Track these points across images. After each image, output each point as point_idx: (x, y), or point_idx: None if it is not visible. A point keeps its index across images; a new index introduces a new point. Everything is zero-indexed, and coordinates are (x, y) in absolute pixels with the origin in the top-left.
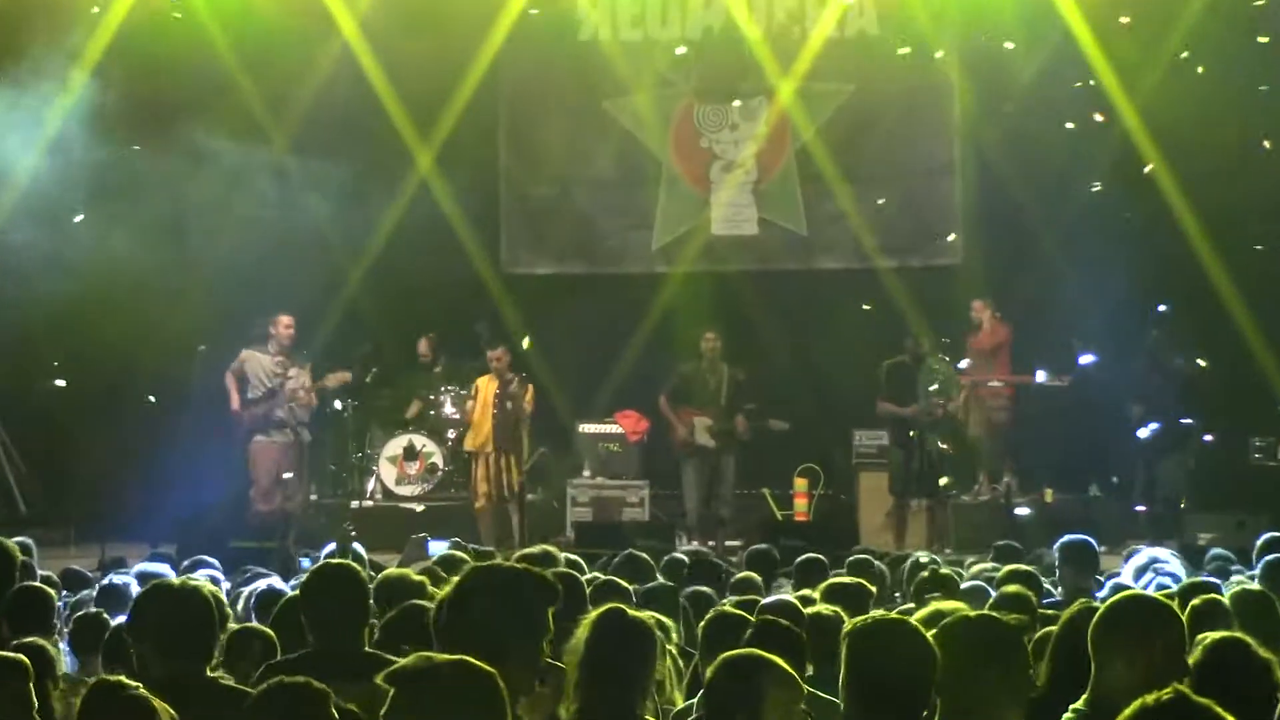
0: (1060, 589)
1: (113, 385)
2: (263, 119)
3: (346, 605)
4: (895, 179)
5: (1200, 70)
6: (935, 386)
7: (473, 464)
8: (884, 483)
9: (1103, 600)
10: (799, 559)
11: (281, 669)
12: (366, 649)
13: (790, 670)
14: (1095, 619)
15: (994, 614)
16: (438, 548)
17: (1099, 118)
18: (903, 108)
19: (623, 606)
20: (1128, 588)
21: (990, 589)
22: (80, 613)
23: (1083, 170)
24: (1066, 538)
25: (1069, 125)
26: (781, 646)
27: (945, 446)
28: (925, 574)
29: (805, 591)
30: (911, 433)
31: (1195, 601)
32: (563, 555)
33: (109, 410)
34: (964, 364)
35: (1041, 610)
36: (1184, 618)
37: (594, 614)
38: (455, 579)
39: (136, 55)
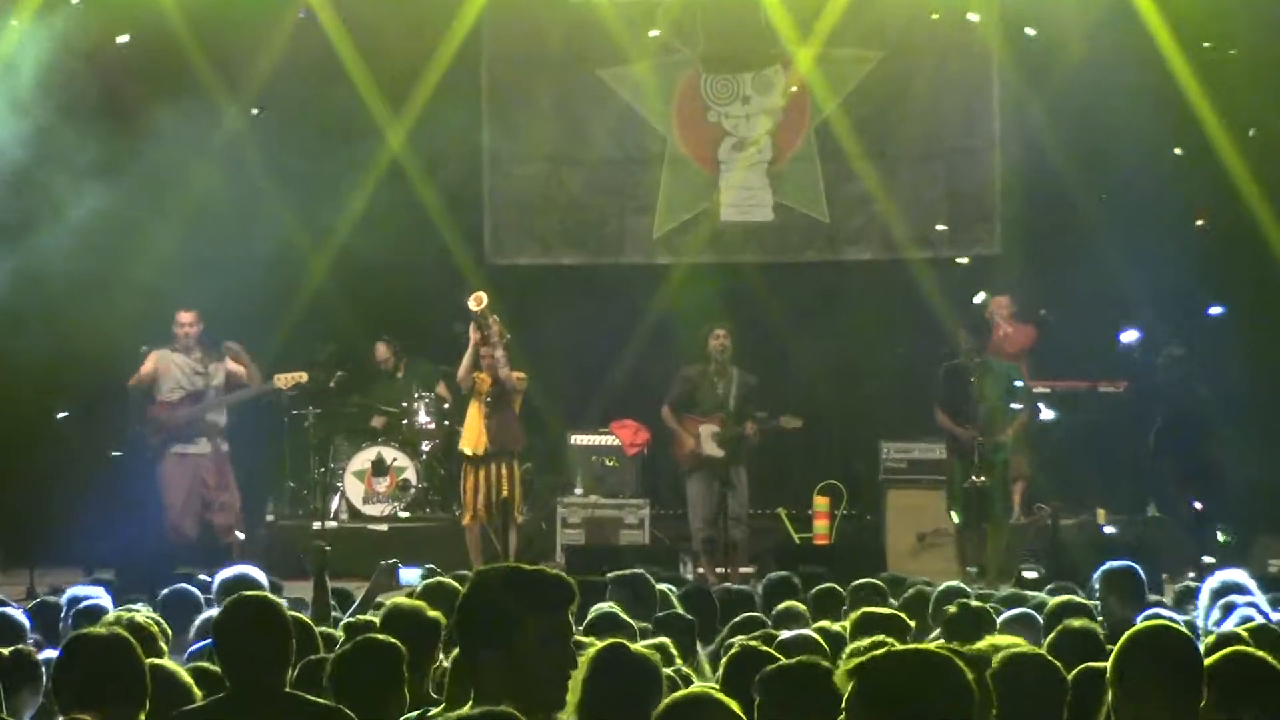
0: (1104, 621)
1: (40, 395)
2: (211, 88)
3: (265, 641)
4: (928, 159)
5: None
6: (1009, 391)
7: (464, 472)
8: (914, 501)
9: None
10: (816, 588)
11: (190, 718)
12: (287, 689)
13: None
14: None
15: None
16: (410, 575)
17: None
18: (936, 78)
19: (623, 642)
20: (1164, 617)
21: (1034, 619)
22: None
23: (1142, 149)
24: (1109, 565)
25: (1177, 151)
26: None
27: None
28: (954, 608)
29: (825, 623)
30: (976, 447)
31: None
32: None
33: (35, 422)
34: None
35: None
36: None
37: (592, 651)
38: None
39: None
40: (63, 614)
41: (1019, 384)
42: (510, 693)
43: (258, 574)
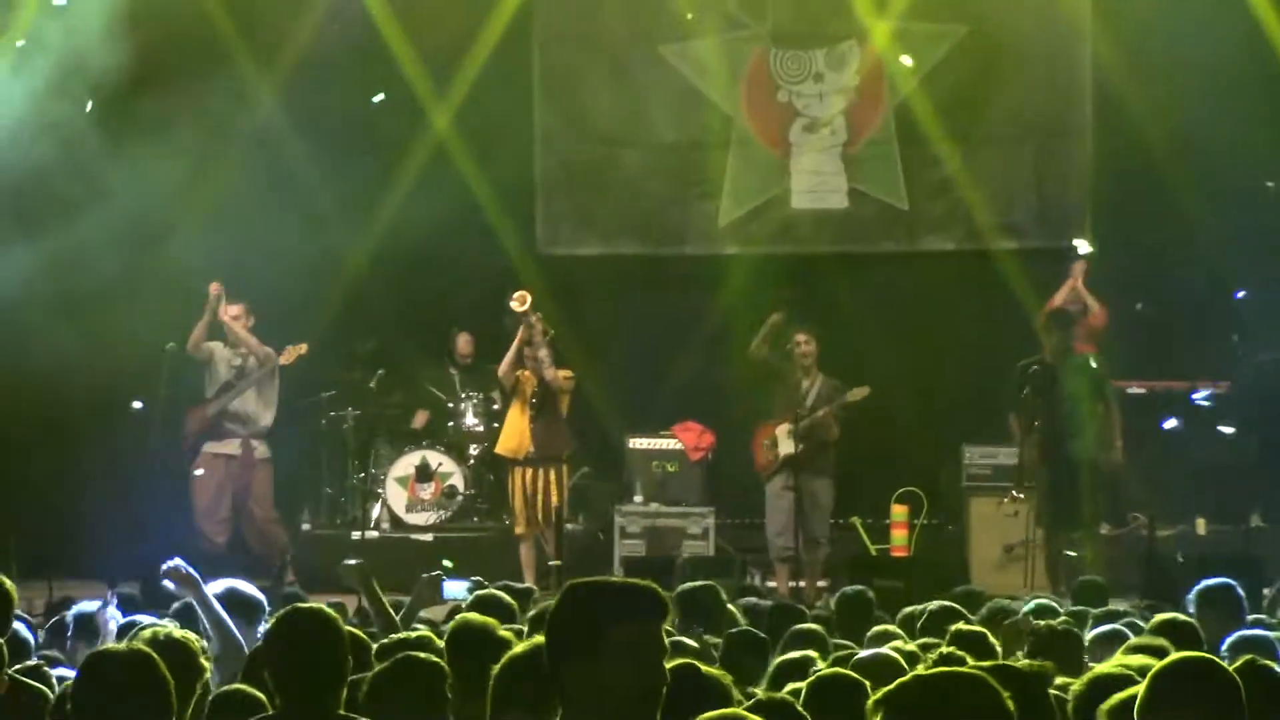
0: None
1: (64, 397)
2: (244, 67)
3: (317, 659)
4: (1015, 141)
5: None
6: (1093, 387)
7: (508, 478)
8: (1000, 510)
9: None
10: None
11: None
12: (342, 711)
13: None
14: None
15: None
16: (455, 588)
17: None
18: (1024, 55)
19: (694, 663)
20: (1260, 639)
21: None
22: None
23: (1246, 136)
24: (1206, 582)
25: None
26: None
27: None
28: (1043, 627)
29: (909, 645)
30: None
31: None
32: None
33: (62, 425)
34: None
35: None
36: None
37: None
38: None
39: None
40: (69, 631)
41: (1097, 375)
42: (597, 708)
43: (247, 588)
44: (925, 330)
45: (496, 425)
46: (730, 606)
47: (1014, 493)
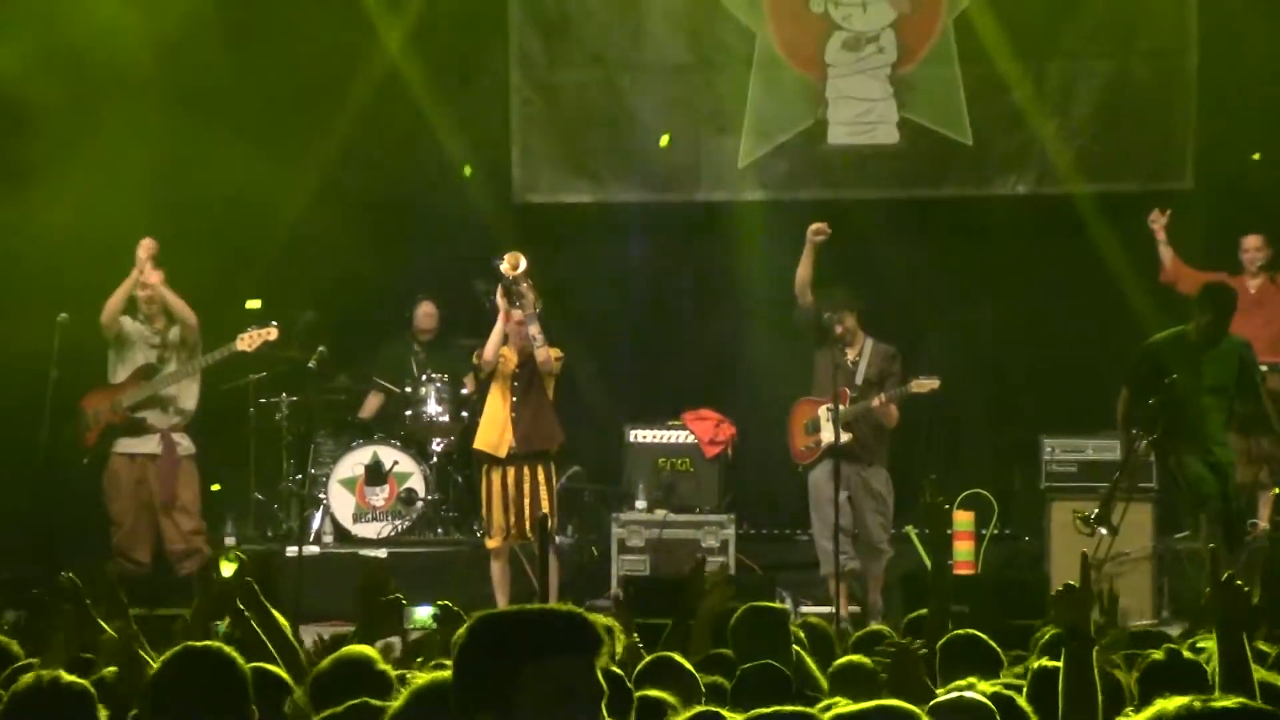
0: None
1: None
2: None
3: (211, 702)
4: (1102, 63)
5: None
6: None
7: (485, 480)
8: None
9: None
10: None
11: None
12: None
13: None
14: None
15: None
16: (421, 615)
17: None
18: None
19: (719, 711)
20: None
21: None
22: None
23: None
24: None
25: None
26: None
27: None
28: (1159, 655)
29: (991, 686)
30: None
31: None
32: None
33: None
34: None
35: None
36: None
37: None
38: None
39: None
40: None
41: (1250, 365)
42: None
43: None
44: (994, 294)
45: (465, 415)
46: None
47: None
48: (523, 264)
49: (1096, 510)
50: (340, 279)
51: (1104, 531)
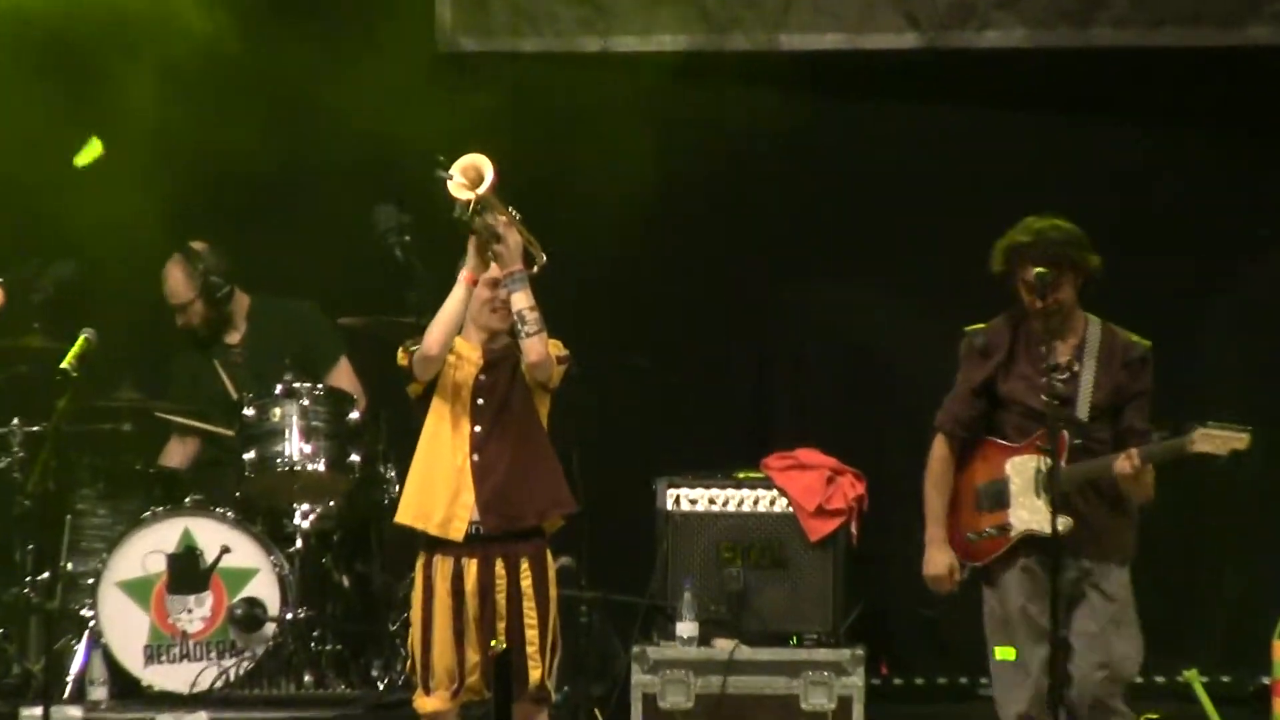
0: None
1: None
2: None
3: None
4: None
5: None
6: None
7: (417, 578)
8: None
9: None
10: None
11: None
12: None
13: None
14: None
15: None
16: None
17: None
18: None
19: None
20: None
21: None
22: None
23: None
24: None
25: None
26: None
27: None
28: None
29: None
30: None
31: None
32: None
33: None
34: None
35: None
36: None
37: None
38: None
39: None
40: None
41: None
42: None
43: None
44: None
45: (354, 458)
46: None
47: None
48: (489, 175)
49: None
50: (130, 205)
51: None
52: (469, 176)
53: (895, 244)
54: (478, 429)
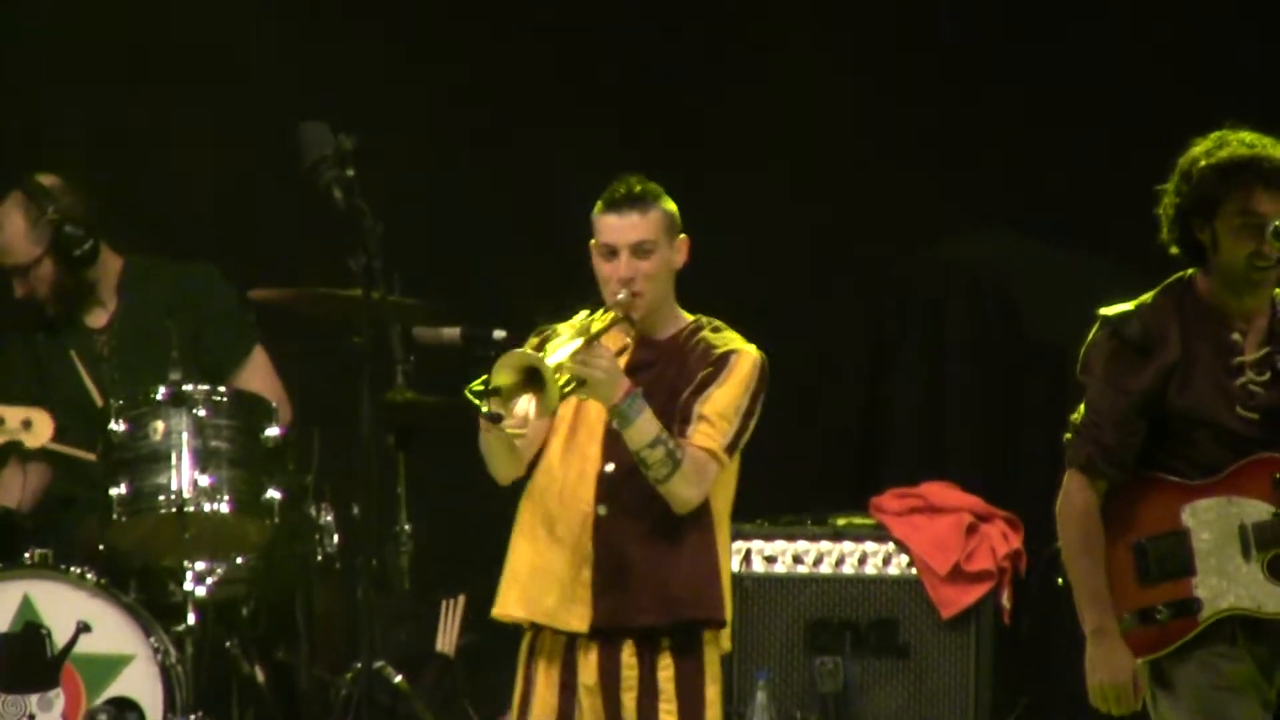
0: None
1: None
2: None
3: None
4: None
5: None
6: None
7: (521, 680)
8: None
9: None
10: None
11: None
12: None
13: None
14: None
15: None
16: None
17: None
18: None
19: None
20: None
21: None
22: None
23: None
24: None
25: None
26: None
27: None
28: None
29: None
30: None
31: None
32: None
33: None
34: None
35: None
36: None
37: None
38: None
39: None
40: None
41: None
42: None
43: None
44: None
45: (273, 495)
46: None
47: None
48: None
49: None
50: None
51: None
52: (510, 379)
53: None
54: (603, 487)
